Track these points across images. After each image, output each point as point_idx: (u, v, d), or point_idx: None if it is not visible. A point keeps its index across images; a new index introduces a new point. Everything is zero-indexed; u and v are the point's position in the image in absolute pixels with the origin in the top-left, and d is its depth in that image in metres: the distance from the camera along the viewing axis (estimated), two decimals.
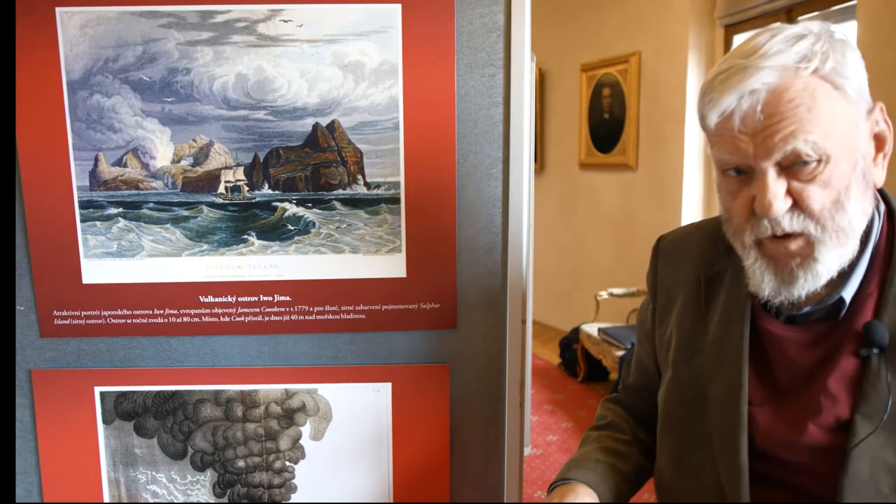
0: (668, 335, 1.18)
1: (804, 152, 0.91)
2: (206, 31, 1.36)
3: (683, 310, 1.15)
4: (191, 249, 1.43)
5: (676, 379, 1.14)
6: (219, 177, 1.41)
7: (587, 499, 1.12)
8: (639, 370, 1.31)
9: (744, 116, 0.93)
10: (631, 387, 1.35)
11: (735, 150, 0.95)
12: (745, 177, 0.97)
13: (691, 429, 1.10)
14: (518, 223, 1.43)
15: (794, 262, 0.97)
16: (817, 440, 0.97)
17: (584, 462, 1.21)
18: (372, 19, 1.37)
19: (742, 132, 0.94)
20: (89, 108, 1.37)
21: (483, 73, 1.40)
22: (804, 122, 0.90)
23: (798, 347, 1.02)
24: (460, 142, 1.41)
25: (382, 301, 1.44)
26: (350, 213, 1.42)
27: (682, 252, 1.20)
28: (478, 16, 1.39)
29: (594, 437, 1.29)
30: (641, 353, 1.30)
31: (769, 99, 0.91)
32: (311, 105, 1.38)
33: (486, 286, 1.45)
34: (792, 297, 0.98)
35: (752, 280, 1.01)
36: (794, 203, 0.94)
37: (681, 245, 1.21)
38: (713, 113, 0.96)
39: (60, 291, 1.43)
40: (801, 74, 0.92)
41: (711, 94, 0.95)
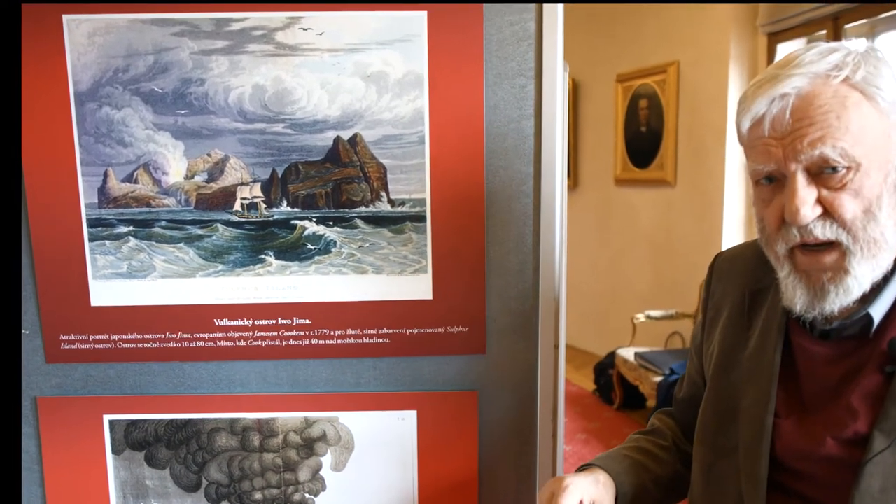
0: (712, 349, 1.18)
1: (832, 158, 0.91)
2: (221, 39, 1.30)
3: (728, 324, 1.16)
4: (205, 270, 1.36)
5: (713, 391, 1.14)
6: (234, 193, 1.34)
7: (594, 485, 1.12)
8: (689, 384, 1.31)
9: (773, 120, 0.95)
10: (680, 400, 1.33)
11: (765, 155, 0.96)
12: (777, 185, 0.98)
13: (721, 440, 1.11)
14: (550, 242, 1.37)
15: (826, 277, 0.97)
16: (834, 453, 0.98)
17: (613, 454, 1.23)
18: (396, 27, 1.31)
19: (772, 136, 0.95)
20: (98, 121, 1.31)
21: (513, 84, 1.34)
22: (833, 128, 0.91)
23: (826, 362, 1.02)
24: (489, 156, 1.35)
25: (407, 324, 1.38)
26: (373, 231, 1.36)
27: (735, 268, 1.21)
28: (508, 24, 1.33)
29: (633, 439, 1.30)
30: (691, 368, 1.30)
31: (798, 104, 0.93)
32: (331, 118, 1.32)
33: (516, 308, 1.39)
34: (824, 312, 0.98)
35: (786, 294, 1.01)
36: (825, 212, 0.94)
37: (734, 262, 1.22)
38: (746, 119, 0.98)
39: (67, 314, 1.37)
40: (832, 82, 0.93)
41: (745, 101, 0.98)
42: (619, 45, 5.38)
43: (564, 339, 1.44)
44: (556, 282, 1.39)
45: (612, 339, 5.42)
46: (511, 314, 1.39)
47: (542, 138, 1.34)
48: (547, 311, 1.38)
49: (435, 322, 1.38)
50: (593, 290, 5.88)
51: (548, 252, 1.37)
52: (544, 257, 1.37)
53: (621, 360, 4.59)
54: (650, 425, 1.35)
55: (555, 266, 1.38)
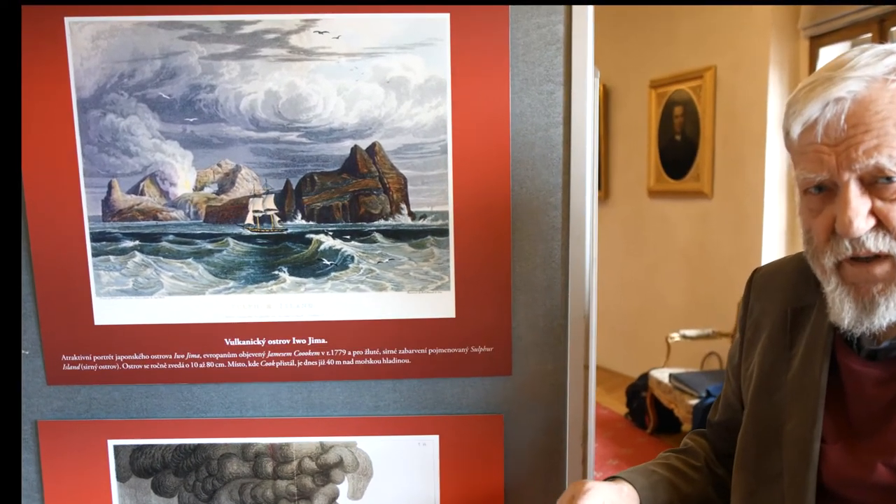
0: (751, 370, 1.14)
1: (888, 168, 0.88)
2: (232, 43, 1.24)
3: (768, 344, 1.12)
4: (215, 287, 1.31)
5: (754, 415, 1.10)
6: (246, 206, 1.29)
7: (617, 493, 1.08)
8: (724, 407, 1.26)
9: (827, 126, 0.91)
10: (715, 424, 1.28)
11: (817, 164, 0.92)
12: (827, 194, 0.94)
13: (764, 467, 1.07)
14: (580, 257, 1.31)
15: (876, 289, 0.93)
16: (885, 480, 0.95)
17: (641, 469, 1.19)
18: (417, 30, 1.25)
19: (825, 143, 0.91)
20: (102, 130, 1.26)
21: (541, 91, 1.28)
22: (890, 136, 0.88)
23: (875, 384, 0.99)
24: (515, 167, 1.29)
25: (429, 344, 1.32)
26: (393, 246, 1.30)
27: (774, 285, 1.16)
28: (535, 27, 1.27)
29: (663, 456, 1.27)
30: (728, 390, 1.25)
31: (854, 109, 0.89)
32: (349, 126, 1.26)
33: (544, 327, 1.33)
34: (873, 327, 0.95)
35: (833, 309, 0.98)
36: (878, 223, 0.91)
37: (773, 278, 1.18)
38: (797, 124, 0.94)
39: (70, 334, 1.31)
40: (890, 87, 0.89)
41: (796, 105, 0.94)
42: (652, 50, 5.14)
43: (595, 359, 1.38)
44: (587, 299, 1.33)
45: (645, 359, 5.17)
46: (538, 333, 1.33)
47: (571, 147, 1.29)
48: (576, 330, 1.33)
49: (458, 342, 1.32)
50: (625, 307, 5.64)
51: (577, 267, 1.31)
52: (573, 273, 1.31)
53: (655, 381, 4.41)
54: (682, 444, 1.31)
55: (585, 282, 1.32)
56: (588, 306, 1.33)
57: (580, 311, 1.32)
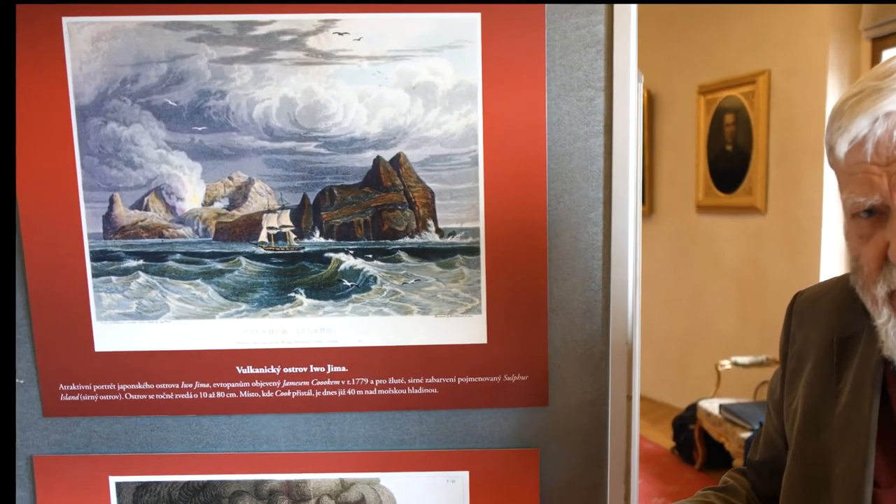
0: (794, 405, 1.06)
1: None
2: (244, 45, 1.16)
3: (812, 377, 1.04)
4: (226, 310, 1.23)
5: (800, 455, 1.03)
6: (260, 222, 1.21)
7: None
8: (766, 445, 1.17)
9: (877, 144, 0.83)
10: (756, 464, 1.19)
11: (867, 186, 0.85)
12: (879, 218, 0.87)
13: None
14: (622, 278, 1.22)
15: None
16: None
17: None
18: (445, 32, 1.16)
19: (875, 163, 0.84)
20: (103, 139, 1.19)
21: (580, 97, 1.20)
22: None
23: None
24: (552, 179, 1.21)
25: (458, 372, 1.24)
26: (419, 265, 1.22)
27: (818, 311, 1.09)
28: (573, 27, 1.18)
29: (701, 494, 1.19)
30: (769, 426, 1.17)
31: None
32: (371, 135, 1.18)
33: (583, 354, 1.25)
34: None
35: (885, 342, 0.91)
36: None
37: (817, 303, 1.09)
38: (843, 141, 0.87)
39: (68, 361, 1.24)
40: None
41: (840, 119, 0.87)
42: (701, 52, 4.79)
43: (638, 389, 1.29)
44: (630, 323, 1.24)
45: (693, 389, 4.86)
46: (577, 360, 1.25)
47: (612, 159, 1.21)
48: (618, 358, 1.24)
49: (490, 370, 1.24)
50: (671, 332, 5.26)
51: (619, 289, 1.23)
52: (615, 295, 1.23)
53: (704, 413, 4.18)
54: (722, 482, 1.23)
55: (627, 305, 1.23)
56: (631, 331, 1.25)
57: (622, 337, 1.24)
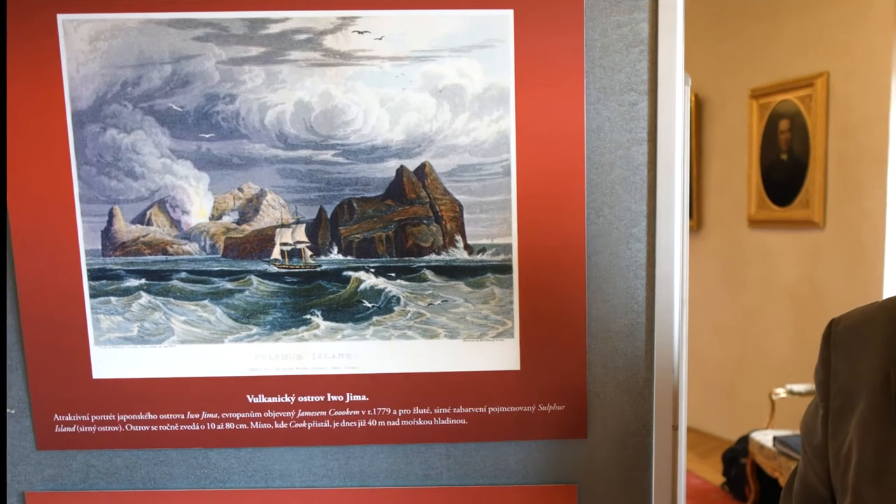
0: (846, 449, 0.96)
1: None
2: (255, 45, 1.08)
3: (868, 416, 0.94)
4: (235, 333, 1.14)
5: None
6: (272, 238, 1.13)
7: None
8: (805, 496, 1.06)
9: None
10: None
11: None
12: None
13: None
14: (668, 298, 1.13)
15: None
16: None
17: None
18: (475, 30, 1.07)
19: None
20: (102, 147, 1.11)
21: (621, 101, 1.11)
22: None
23: None
24: (591, 191, 1.12)
25: (489, 401, 1.15)
26: (446, 285, 1.13)
27: (863, 340, 0.98)
28: (614, 25, 1.09)
29: None
30: (809, 474, 1.04)
31: None
32: (394, 143, 1.10)
33: (625, 382, 1.16)
34: None
35: None
36: None
37: (860, 331, 0.99)
38: None
39: (63, 389, 1.15)
40: None
41: None
42: (753, 53, 4.49)
43: (685, 419, 1.20)
44: (676, 348, 1.14)
45: (745, 419, 4.58)
46: (618, 389, 1.16)
47: (657, 168, 1.12)
48: (663, 385, 1.15)
49: (523, 398, 1.15)
50: (721, 358, 4.91)
51: (665, 310, 1.13)
52: (660, 317, 1.14)
53: (756, 445, 3.90)
54: None
55: (673, 328, 1.13)
56: (677, 357, 1.15)
57: (668, 363, 1.14)
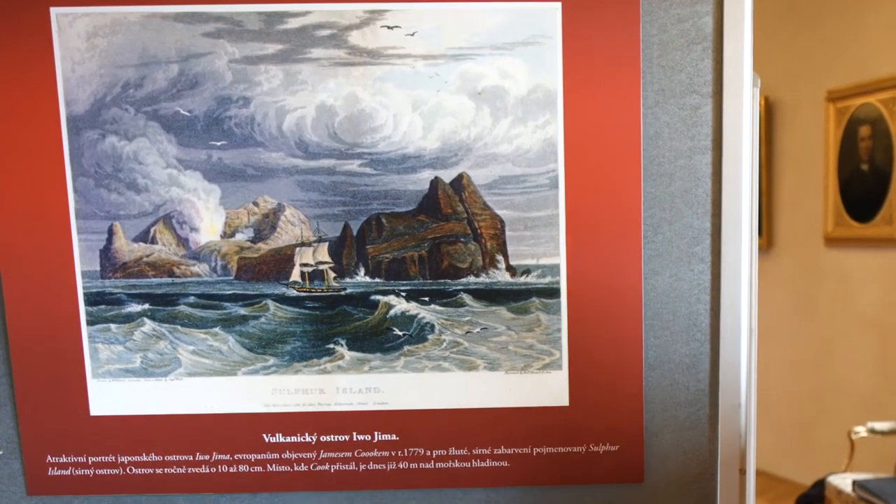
0: None
1: None
2: (272, 42, 0.95)
3: None
4: (250, 365, 1.01)
5: None
6: (291, 258, 1.00)
7: None
8: None
9: None
10: None
11: None
12: None
13: None
14: (734, 326, 1.01)
15: None
16: None
17: None
18: (519, 25, 0.94)
19: None
20: (100, 157, 0.98)
21: (682, 105, 0.98)
22: None
23: None
24: (648, 205, 0.99)
25: (534, 441, 1.02)
26: (486, 310, 1.00)
27: None
28: (674, 20, 0.96)
29: None
30: None
31: None
32: (427, 151, 0.97)
33: (686, 419, 1.03)
34: None
35: None
36: None
37: None
38: None
39: (57, 427, 1.02)
40: None
41: None
42: (830, 51, 4.04)
43: (754, 461, 1.07)
44: (743, 381, 1.01)
45: (821, 461, 4.14)
46: (679, 427, 1.03)
47: (722, 180, 0.99)
48: (729, 423, 1.02)
49: (573, 438, 1.02)
50: (794, 393, 4.46)
51: (731, 340, 1.00)
52: (725, 347, 1.01)
53: (834, 491, 3.55)
54: None
55: (740, 360, 1.00)
56: (746, 392, 1.02)
57: (734, 398, 1.01)
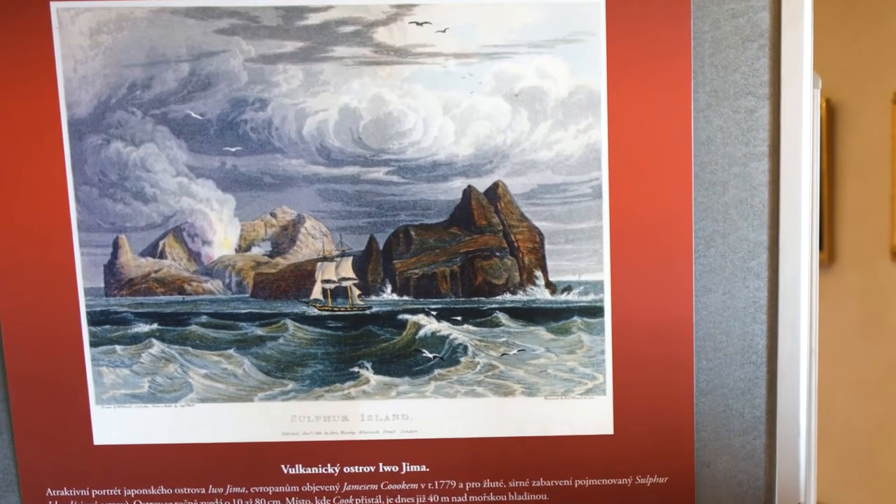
0: None
1: None
2: (292, 39, 0.88)
3: None
4: (268, 390, 0.93)
5: None
6: (312, 273, 0.93)
7: None
8: None
9: None
10: None
11: None
12: None
13: None
14: (793, 348, 0.93)
15: None
16: None
17: None
18: (559, 21, 0.87)
19: None
20: (104, 164, 0.90)
21: (737, 107, 0.91)
22: None
23: None
24: (700, 217, 0.92)
25: (576, 473, 0.95)
26: (523, 331, 0.93)
27: None
28: (728, 15, 0.89)
29: None
30: None
31: None
32: (460, 158, 0.89)
33: (741, 448, 0.96)
34: None
35: None
36: None
37: None
38: None
39: (58, 458, 0.94)
40: None
41: None
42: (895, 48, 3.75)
43: (815, 494, 1.00)
44: (802, 408, 0.93)
45: (887, 493, 3.86)
46: (733, 457, 0.95)
47: (780, 189, 0.92)
48: (787, 454, 0.95)
49: (617, 469, 0.95)
50: (860, 421, 4.09)
51: (789, 363, 0.93)
52: (783, 371, 0.93)
53: None
54: None
55: (799, 384, 0.93)
56: (805, 418, 0.94)
57: (792, 427, 0.94)
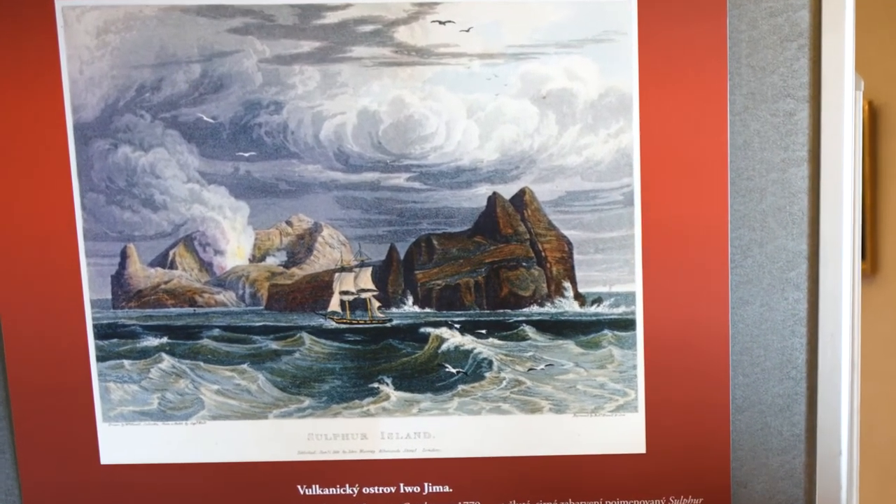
0: None
1: None
2: (308, 39, 0.84)
3: None
4: (283, 407, 0.90)
5: None
6: (330, 284, 0.89)
7: None
8: None
9: None
10: None
11: None
12: None
13: None
14: (834, 362, 0.89)
15: None
16: None
17: None
18: (589, 20, 0.83)
19: None
20: (112, 169, 0.87)
21: (775, 110, 0.87)
22: None
23: None
24: (736, 225, 0.88)
25: (606, 493, 0.91)
26: (551, 344, 0.89)
27: None
28: (766, 14, 0.85)
29: None
30: None
31: None
32: (485, 164, 0.86)
33: (779, 468, 0.91)
34: None
35: None
36: None
37: None
38: None
39: (63, 477, 0.91)
40: None
41: None
42: None
43: None
44: (844, 425, 0.89)
45: None
46: (771, 477, 0.91)
47: (820, 196, 0.88)
48: (828, 472, 0.91)
49: (650, 489, 0.90)
50: None
51: (830, 377, 0.89)
52: (824, 386, 0.89)
53: None
54: None
55: (840, 400, 0.88)
56: (846, 436, 0.90)
57: (833, 445, 0.89)
